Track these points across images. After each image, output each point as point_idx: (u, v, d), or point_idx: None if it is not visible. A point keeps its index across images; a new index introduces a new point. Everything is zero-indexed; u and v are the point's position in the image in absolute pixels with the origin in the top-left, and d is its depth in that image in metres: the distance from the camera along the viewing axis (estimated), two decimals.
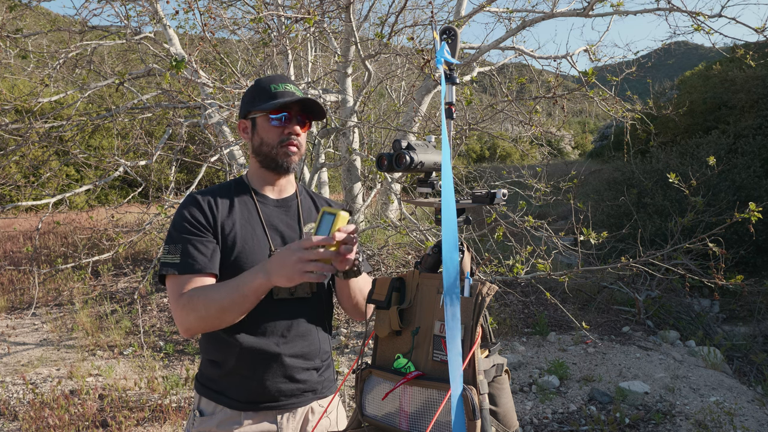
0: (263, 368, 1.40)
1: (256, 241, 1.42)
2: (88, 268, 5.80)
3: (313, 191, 1.66)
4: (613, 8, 5.67)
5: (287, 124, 1.43)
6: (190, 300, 1.29)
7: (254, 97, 1.45)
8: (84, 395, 3.92)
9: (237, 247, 1.39)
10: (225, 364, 1.41)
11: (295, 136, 1.44)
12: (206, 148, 7.13)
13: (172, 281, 1.34)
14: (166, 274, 1.35)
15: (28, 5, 6.10)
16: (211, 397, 1.42)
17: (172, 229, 1.40)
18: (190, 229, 1.37)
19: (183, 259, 1.34)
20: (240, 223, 1.42)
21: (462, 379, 0.99)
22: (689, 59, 39.71)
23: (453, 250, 1.04)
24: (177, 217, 1.40)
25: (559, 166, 15.65)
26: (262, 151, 1.45)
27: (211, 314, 1.27)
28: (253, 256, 1.40)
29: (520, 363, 4.67)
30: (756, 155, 9.89)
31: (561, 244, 5.25)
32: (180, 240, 1.36)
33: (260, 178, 1.50)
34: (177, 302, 1.31)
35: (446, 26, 1.22)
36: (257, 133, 1.45)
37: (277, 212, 1.49)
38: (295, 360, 1.43)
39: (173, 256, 1.35)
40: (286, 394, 1.43)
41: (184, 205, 1.41)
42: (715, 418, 3.60)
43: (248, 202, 1.47)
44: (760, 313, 6.54)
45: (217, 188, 1.48)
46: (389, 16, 5.52)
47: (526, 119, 5.44)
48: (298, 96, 1.43)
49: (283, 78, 1.48)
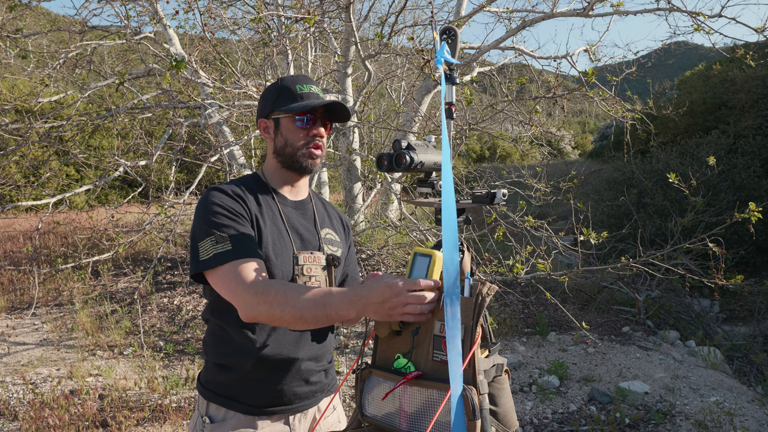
0: (281, 373, 1.38)
1: (282, 240, 1.40)
2: (88, 268, 5.80)
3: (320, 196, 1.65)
4: (613, 8, 5.67)
5: (312, 126, 1.41)
6: (265, 290, 1.20)
7: (278, 97, 1.42)
8: (84, 395, 3.92)
9: (267, 245, 1.35)
10: (239, 368, 1.36)
11: (320, 138, 1.42)
12: (206, 148, 7.13)
13: (230, 269, 1.25)
14: (223, 264, 1.25)
15: (28, 5, 6.10)
16: (221, 403, 1.38)
17: (206, 221, 1.30)
18: (231, 216, 1.31)
19: (237, 245, 1.26)
20: (268, 222, 1.38)
21: (462, 379, 0.99)
22: (689, 59, 39.71)
23: (453, 250, 1.04)
24: (208, 209, 1.32)
25: (559, 166, 15.65)
26: (285, 152, 1.42)
27: (285, 316, 1.18)
28: (281, 256, 1.37)
29: (520, 363, 4.67)
30: (756, 155, 9.89)
31: (561, 244, 5.26)
32: (223, 228, 1.28)
33: (279, 177, 1.47)
34: (248, 288, 1.21)
35: (446, 26, 1.22)
36: (281, 133, 1.42)
37: (296, 214, 1.47)
38: (310, 363, 1.42)
39: (223, 244, 1.26)
40: (300, 396, 1.42)
41: (212, 196, 1.34)
42: (715, 418, 3.60)
43: (270, 201, 1.43)
44: (760, 313, 6.54)
45: (239, 182, 1.42)
46: (389, 16, 5.53)
47: (526, 119, 5.44)
48: (323, 99, 1.41)
49: (308, 79, 1.45)
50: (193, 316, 5.65)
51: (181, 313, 5.70)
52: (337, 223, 1.60)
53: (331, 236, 1.52)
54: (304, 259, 1.40)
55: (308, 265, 1.41)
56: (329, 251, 1.48)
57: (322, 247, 1.47)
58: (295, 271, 1.39)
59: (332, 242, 1.51)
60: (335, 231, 1.56)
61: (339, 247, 1.53)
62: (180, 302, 5.97)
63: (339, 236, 1.56)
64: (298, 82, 1.43)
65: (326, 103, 1.39)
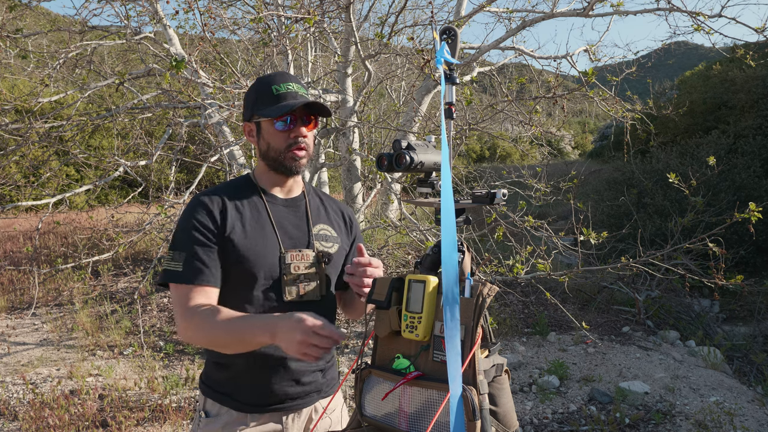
0: (271, 372, 1.40)
1: (266, 241, 1.40)
2: (88, 268, 5.80)
3: (321, 191, 1.64)
4: (613, 8, 5.66)
5: (293, 127, 1.40)
6: (194, 318, 1.28)
7: (256, 100, 1.41)
8: (84, 395, 3.92)
9: (246, 247, 1.37)
10: (232, 367, 1.40)
11: (302, 138, 1.41)
12: (206, 148, 7.13)
13: (176, 289, 1.33)
14: (170, 282, 1.34)
15: (28, 5, 6.10)
16: (216, 399, 1.42)
17: (177, 233, 1.37)
18: (196, 236, 1.34)
19: (186, 269, 1.32)
20: (249, 224, 1.40)
21: (461, 380, 0.99)
22: (689, 59, 39.70)
23: (452, 251, 1.04)
24: (183, 221, 1.37)
25: (559, 166, 15.64)
26: (269, 155, 1.42)
27: (212, 342, 1.30)
28: (263, 257, 1.38)
29: (520, 363, 4.67)
30: (756, 155, 9.89)
31: (561, 244, 5.25)
32: (185, 247, 1.33)
33: (269, 179, 1.48)
34: (182, 314, 1.30)
35: (446, 26, 1.22)
36: (263, 137, 1.42)
37: (286, 212, 1.48)
38: (302, 364, 1.42)
39: (177, 263, 1.32)
40: (292, 396, 1.43)
41: (191, 208, 1.38)
42: (715, 418, 3.60)
43: (257, 202, 1.44)
44: (760, 313, 6.54)
45: (224, 187, 1.45)
46: (389, 16, 5.53)
47: (526, 119, 5.44)
48: (302, 97, 1.40)
49: (284, 76, 1.42)
50: None
51: None
52: (336, 218, 1.58)
53: (325, 232, 1.51)
54: (291, 258, 1.41)
55: (296, 263, 1.41)
56: (322, 248, 1.47)
57: (312, 243, 1.46)
58: (282, 270, 1.39)
59: (327, 238, 1.50)
60: (332, 226, 1.54)
61: (335, 243, 1.52)
62: None
63: (337, 231, 1.54)
64: (274, 81, 1.40)
65: (302, 104, 1.36)
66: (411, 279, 1.14)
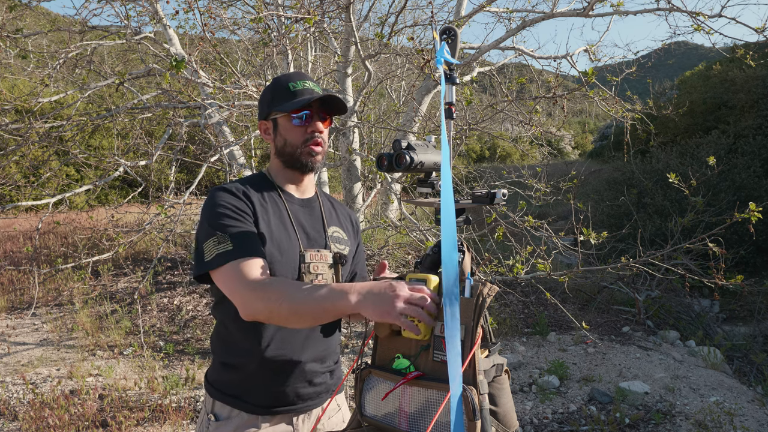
0: (285, 375, 1.39)
1: (289, 238, 1.39)
2: (88, 268, 5.80)
3: (329, 194, 1.65)
4: (613, 8, 5.66)
5: (309, 122, 1.41)
6: (264, 287, 1.20)
7: (273, 98, 1.42)
8: (84, 395, 3.92)
9: (272, 243, 1.35)
10: (243, 369, 1.38)
11: (319, 134, 1.41)
12: (206, 148, 7.13)
13: (231, 268, 1.24)
14: (224, 264, 1.25)
15: (28, 5, 6.10)
16: (226, 401, 1.39)
17: (209, 222, 1.31)
18: (234, 215, 1.31)
19: (238, 245, 1.26)
20: (273, 220, 1.39)
21: (461, 380, 0.99)
22: (689, 59, 39.71)
23: (452, 251, 1.04)
24: (212, 210, 1.32)
25: (559, 166, 15.64)
26: (285, 151, 1.43)
27: (282, 312, 1.17)
28: (287, 255, 1.37)
29: (520, 363, 4.67)
30: (756, 155, 9.88)
31: (561, 244, 5.25)
32: (225, 228, 1.28)
33: (284, 177, 1.47)
34: (247, 285, 1.21)
35: (446, 26, 1.22)
36: (280, 134, 1.43)
37: (303, 212, 1.47)
38: (314, 365, 1.43)
39: (224, 244, 1.26)
40: (303, 398, 1.43)
41: (218, 196, 1.35)
42: (715, 418, 3.60)
43: (277, 199, 1.44)
44: (760, 313, 6.54)
45: (245, 181, 1.43)
46: (389, 16, 5.53)
47: (526, 119, 5.43)
48: (318, 93, 1.41)
49: (301, 75, 1.45)
50: (193, 316, 5.65)
51: (181, 313, 5.70)
52: (345, 221, 1.60)
53: (338, 234, 1.53)
54: (310, 257, 1.40)
55: (315, 263, 1.41)
56: (336, 249, 1.48)
57: (329, 245, 1.47)
58: (302, 269, 1.39)
59: (339, 240, 1.52)
60: (343, 229, 1.56)
61: (346, 245, 1.53)
62: (180, 302, 5.97)
63: (347, 234, 1.56)
64: (291, 79, 1.43)
65: (320, 96, 1.38)
66: (411, 278, 1.14)
